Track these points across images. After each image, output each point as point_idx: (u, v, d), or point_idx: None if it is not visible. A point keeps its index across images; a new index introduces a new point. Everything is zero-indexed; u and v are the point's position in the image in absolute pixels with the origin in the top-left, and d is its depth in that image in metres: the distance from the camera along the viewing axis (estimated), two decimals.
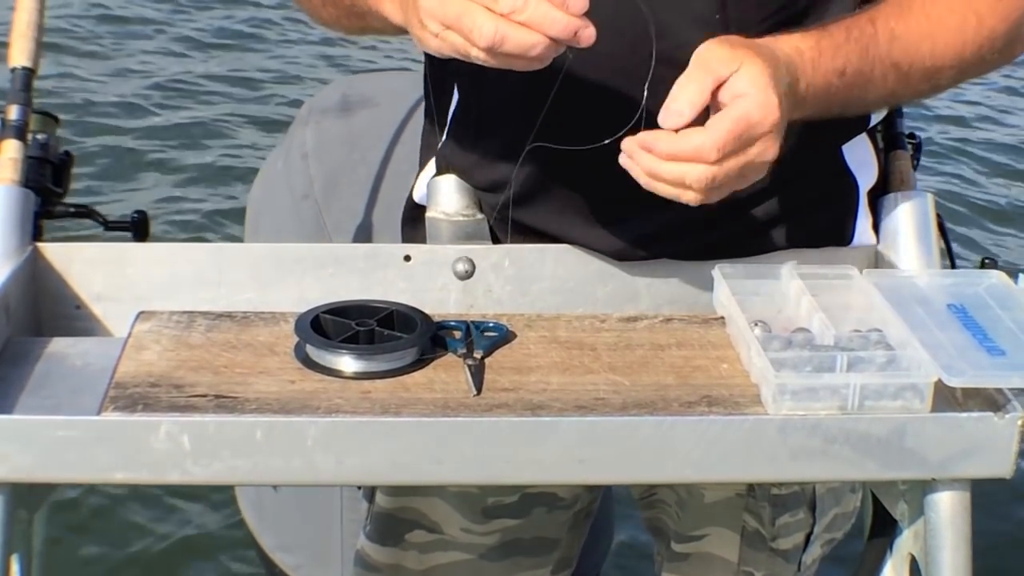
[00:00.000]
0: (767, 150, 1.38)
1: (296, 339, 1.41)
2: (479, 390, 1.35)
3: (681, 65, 1.51)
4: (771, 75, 1.38)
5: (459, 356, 1.41)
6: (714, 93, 1.38)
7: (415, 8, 1.37)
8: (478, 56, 1.34)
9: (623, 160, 1.40)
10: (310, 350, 1.38)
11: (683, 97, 1.37)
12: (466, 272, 1.64)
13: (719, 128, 1.36)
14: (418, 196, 1.80)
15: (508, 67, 1.36)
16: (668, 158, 1.37)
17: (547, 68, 1.55)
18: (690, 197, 1.39)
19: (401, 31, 1.49)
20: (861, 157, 1.72)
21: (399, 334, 1.40)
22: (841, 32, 1.50)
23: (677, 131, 1.36)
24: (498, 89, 1.63)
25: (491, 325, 1.47)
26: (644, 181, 1.40)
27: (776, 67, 1.41)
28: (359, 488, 1.98)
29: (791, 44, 1.47)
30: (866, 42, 1.51)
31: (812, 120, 1.54)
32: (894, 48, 1.53)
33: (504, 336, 1.46)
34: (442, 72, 1.73)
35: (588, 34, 1.33)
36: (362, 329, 1.40)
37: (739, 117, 1.36)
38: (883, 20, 1.53)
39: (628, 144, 1.39)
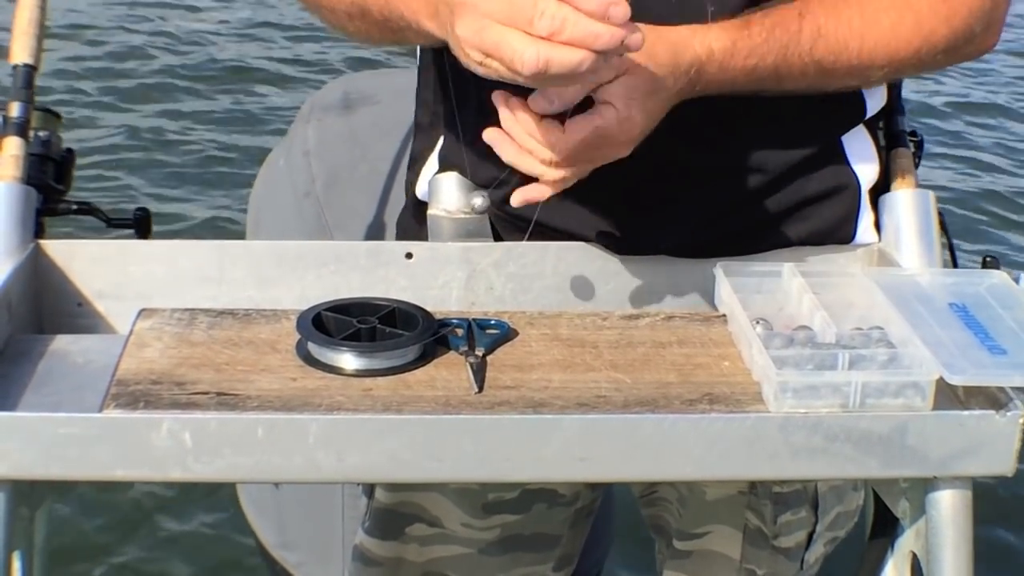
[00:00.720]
0: (614, 154, 1.43)
1: (298, 336, 1.41)
2: (481, 388, 1.35)
3: None
4: (648, 89, 1.40)
5: (461, 354, 1.41)
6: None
7: (455, 36, 1.34)
8: (527, 83, 1.32)
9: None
10: (312, 347, 1.38)
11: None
12: (482, 208, 1.64)
13: (575, 137, 1.39)
14: (420, 193, 1.80)
15: (562, 86, 1.35)
16: (517, 136, 1.41)
17: None
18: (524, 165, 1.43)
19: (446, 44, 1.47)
20: (863, 155, 1.72)
21: (401, 331, 1.40)
22: (763, 31, 1.50)
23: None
24: (499, 87, 1.63)
25: (493, 322, 1.47)
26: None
27: (665, 75, 1.42)
28: (359, 484, 1.98)
29: (705, 43, 1.47)
30: (787, 41, 1.51)
31: (804, 115, 1.57)
32: (817, 46, 1.52)
33: (506, 334, 1.46)
34: (443, 70, 1.73)
35: (636, 39, 1.28)
36: (364, 327, 1.40)
37: (598, 128, 1.39)
38: (812, 16, 1.53)
39: (505, 104, 1.42)
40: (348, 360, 1.37)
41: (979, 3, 1.58)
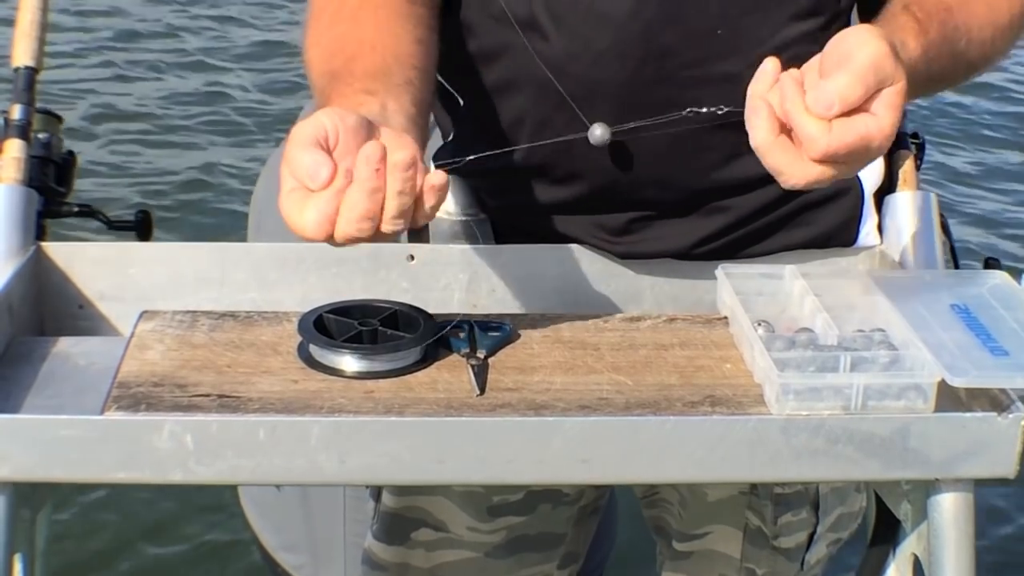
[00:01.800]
0: (873, 157, 1.31)
1: (299, 339, 1.41)
2: (482, 390, 1.35)
3: (685, 84, 1.51)
4: (900, 104, 1.29)
5: (462, 356, 1.41)
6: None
7: None
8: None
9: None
10: (313, 350, 1.38)
11: (842, 91, 1.27)
12: (603, 139, 1.54)
13: (839, 139, 1.26)
14: None
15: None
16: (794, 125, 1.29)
17: (550, 86, 1.56)
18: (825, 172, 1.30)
19: None
20: None
21: (402, 334, 1.40)
22: (937, 36, 1.44)
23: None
24: (505, 105, 1.64)
25: (494, 324, 1.47)
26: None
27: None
28: (366, 488, 1.98)
29: (907, 56, 1.36)
30: (952, 42, 1.48)
31: None
32: (971, 41, 1.50)
33: (508, 336, 1.46)
34: (448, 79, 1.74)
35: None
36: (365, 329, 1.40)
37: (863, 137, 1.26)
38: (959, 11, 1.49)
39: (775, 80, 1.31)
40: (349, 362, 1.36)
41: None
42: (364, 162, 1.22)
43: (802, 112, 1.26)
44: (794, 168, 1.29)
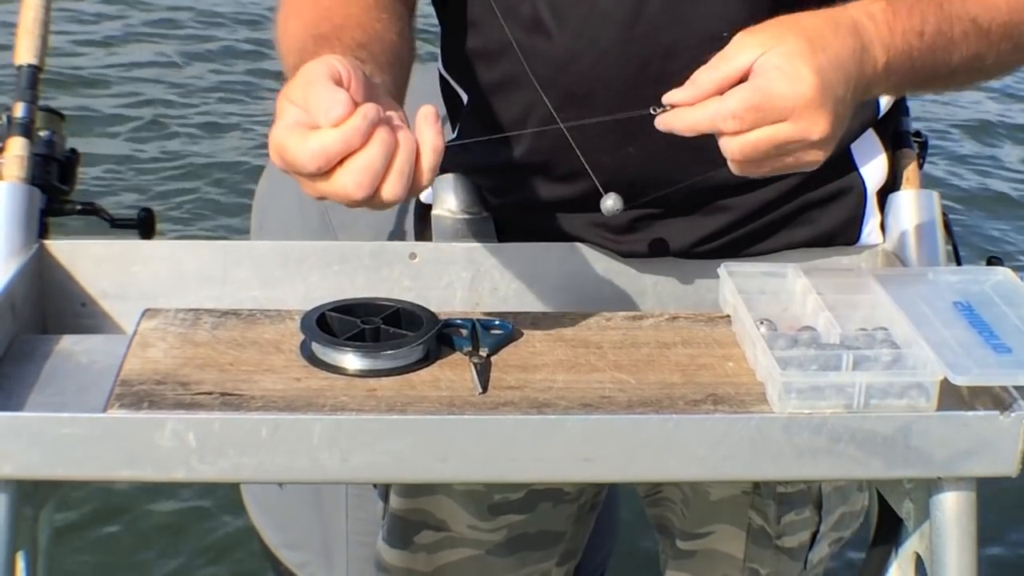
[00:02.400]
0: (809, 126, 1.29)
1: (302, 337, 1.41)
2: (484, 388, 1.35)
3: None
4: (804, 50, 1.29)
5: (465, 354, 1.41)
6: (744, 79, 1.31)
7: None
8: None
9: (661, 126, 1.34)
10: (316, 348, 1.38)
11: (694, 80, 1.32)
12: (614, 208, 1.58)
13: (734, 96, 1.29)
14: (423, 196, 1.81)
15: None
16: (689, 131, 1.32)
17: (554, 88, 1.56)
18: (731, 166, 1.34)
19: None
20: (869, 156, 1.72)
21: (405, 332, 1.40)
22: None
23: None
24: (507, 103, 1.64)
25: (497, 323, 1.47)
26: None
27: (819, 38, 1.31)
28: (374, 487, 1.98)
29: (860, 8, 1.37)
30: None
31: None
32: (968, 3, 1.45)
33: (510, 334, 1.46)
34: (452, 73, 1.74)
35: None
36: (368, 327, 1.40)
37: (759, 87, 1.28)
38: None
39: (662, 120, 1.34)
40: (352, 360, 1.36)
41: None
42: (385, 120, 1.17)
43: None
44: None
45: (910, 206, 1.71)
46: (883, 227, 1.73)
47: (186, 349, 1.40)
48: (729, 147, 1.31)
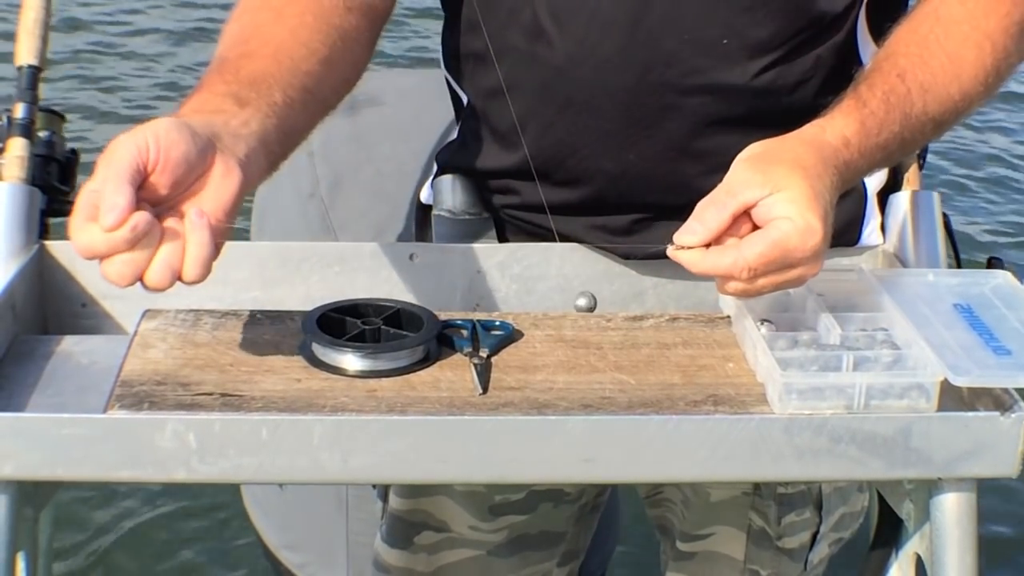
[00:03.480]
0: (808, 272, 1.35)
1: (302, 337, 1.41)
2: (485, 389, 1.35)
3: (688, 92, 1.51)
4: (813, 195, 1.33)
5: (465, 355, 1.41)
6: (748, 214, 1.33)
7: None
8: None
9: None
10: (316, 348, 1.38)
11: (702, 219, 1.33)
12: (588, 306, 1.64)
13: (752, 250, 1.32)
14: (424, 197, 1.81)
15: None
16: (701, 274, 1.35)
17: (554, 94, 1.57)
18: (726, 290, 1.37)
19: None
20: None
21: (405, 333, 1.40)
22: (881, 105, 1.45)
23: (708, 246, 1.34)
24: (507, 107, 1.64)
25: (497, 324, 1.47)
26: None
27: (819, 175, 1.36)
28: (374, 487, 1.98)
29: (838, 135, 1.41)
30: (903, 106, 1.47)
31: None
32: (928, 102, 1.49)
33: (510, 335, 1.46)
34: (454, 77, 1.74)
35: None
36: (368, 328, 1.40)
37: (776, 242, 1.31)
38: (912, 75, 1.49)
39: (670, 251, 1.36)
40: (352, 361, 1.36)
41: None
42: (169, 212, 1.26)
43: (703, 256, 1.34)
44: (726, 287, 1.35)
45: (910, 207, 1.71)
46: (883, 228, 1.73)
47: (186, 350, 1.40)
48: (734, 288, 1.35)
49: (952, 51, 1.52)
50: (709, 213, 1.33)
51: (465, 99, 1.73)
